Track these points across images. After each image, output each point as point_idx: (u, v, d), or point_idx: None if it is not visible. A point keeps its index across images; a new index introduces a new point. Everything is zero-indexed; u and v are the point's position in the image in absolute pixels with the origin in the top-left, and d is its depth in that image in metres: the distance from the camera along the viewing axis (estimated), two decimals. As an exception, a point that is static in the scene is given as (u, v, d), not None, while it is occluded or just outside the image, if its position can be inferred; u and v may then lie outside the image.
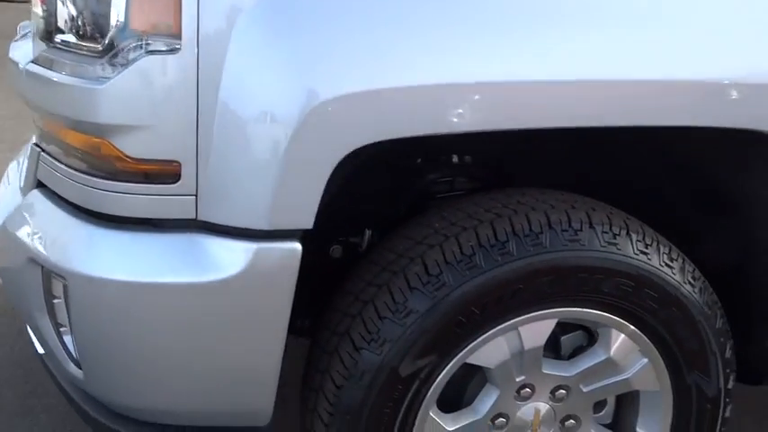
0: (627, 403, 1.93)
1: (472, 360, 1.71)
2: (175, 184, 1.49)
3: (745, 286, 1.95)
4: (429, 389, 1.69)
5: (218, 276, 1.50)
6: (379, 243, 1.82)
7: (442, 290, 1.63)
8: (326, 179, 1.48)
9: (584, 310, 1.74)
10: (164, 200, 1.50)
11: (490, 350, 1.71)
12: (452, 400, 1.82)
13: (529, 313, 1.70)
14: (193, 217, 1.51)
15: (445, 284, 1.63)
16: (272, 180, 1.46)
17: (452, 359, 1.68)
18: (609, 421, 1.94)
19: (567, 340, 1.85)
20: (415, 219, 1.79)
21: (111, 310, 1.53)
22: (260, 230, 1.49)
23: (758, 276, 1.91)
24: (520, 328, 1.71)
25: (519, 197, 1.77)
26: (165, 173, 1.49)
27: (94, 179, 1.53)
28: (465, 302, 1.63)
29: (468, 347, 1.68)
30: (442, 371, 1.68)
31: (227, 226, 1.50)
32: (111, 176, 1.51)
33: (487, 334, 1.69)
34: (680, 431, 1.87)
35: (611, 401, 1.92)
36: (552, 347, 1.85)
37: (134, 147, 1.48)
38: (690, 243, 1.93)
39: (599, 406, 1.92)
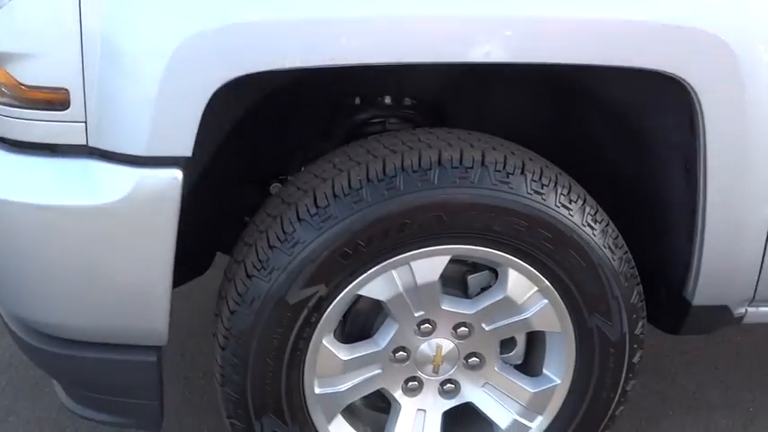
0: (537, 345, 1.95)
1: (364, 292, 1.76)
2: (65, 111, 1.57)
3: (660, 229, 1.93)
4: (320, 318, 1.74)
5: (105, 200, 1.58)
6: (291, 178, 1.88)
7: (328, 221, 1.67)
8: (201, 109, 1.54)
9: (477, 248, 1.75)
10: (56, 126, 1.59)
11: (382, 283, 1.75)
12: (361, 334, 1.89)
13: (419, 249, 1.73)
14: (84, 143, 1.59)
15: (331, 216, 1.67)
16: (150, 109, 1.53)
17: (342, 290, 1.73)
18: (520, 362, 1.97)
19: (473, 279, 1.87)
20: (325, 155, 1.84)
21: (9, 230, 1.64)
22: (141, 157, 1.56)
23: (671, 218, 1.89)
24: (411, 263, 1.75)
25: (424, 135, 1.79)
26: (55, 100, 1.57)
27: None
28: (350, 235, 1.67)
29: (358, 280, 1.73)
30: (333, 301, 1.73)
31: (114, 152, 1.58)
32: (8, 103, 1.60)
33: (377, 267, 1.73)
34: (584, 374, 1.89)
35: (521, 342, 1.94)
36: (461, 286, 1.88)
37: (26, 74, 1.56)
38: (608, 184, 1.93)
39: (508, 346, 1.95)
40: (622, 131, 1.95)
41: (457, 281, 1.87)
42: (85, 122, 1.58)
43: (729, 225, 1.79)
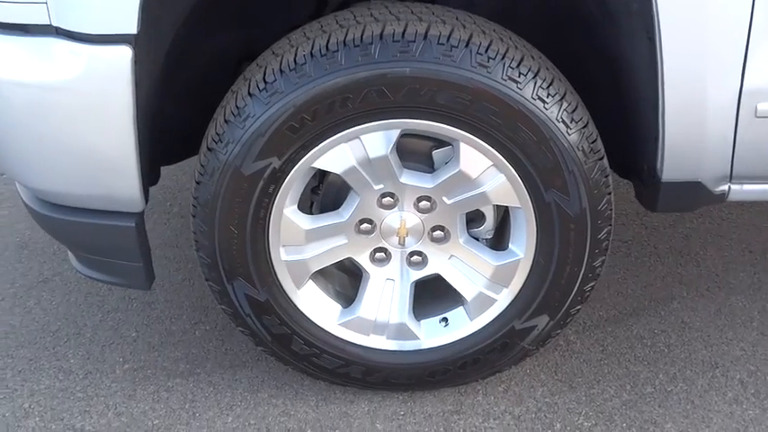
0: (507, 220, 1.96)
1: (318, 165, 1.83)
2: None
3: (630, 104, 1.87)
4: (278, 189, 1.83)
5: (64, 77, 1.71)
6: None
7: (275, 96, 1.74)
8: None
9: (425, 122, 1.77)
10: (23, 7, 1.71)
11: (335, 157, 1.82)
12: (334, 207, 1.97)
13: (366, 123, 1.77)
14: (48, 23, 1.72)
15: (278, 91, 1.74)
16: None
17: (296, 163, 1.80)
18: (490, 236, 1.99)
19: (437, 154, 1.89)
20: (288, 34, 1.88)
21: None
22: (93, 35, 1.68)
23: (638, 92, 1.83)
24: (361, 137, 1.79)
25: (378, 10, 1.80)
26: (19, -19, 1.70)
27: None
28: (295, 108, 1.73)
29: (311, 153, 1.80)
30: (289, 173, 1.82)
31: (72, 31, 1.70)
32: None
33: (327, 141, 1.79)
34: (545, 248, 1.89)
35: (490, 217, 1.96)
36: (429, 161, 1.91)
37: None
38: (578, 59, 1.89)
39: (477, 221, 1.97)
40: (583, 3, 1.87)
41: (424, 155, 1.91)
42: (46, 3, 1.70)
43: (691, 96, 1.72)
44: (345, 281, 2.08)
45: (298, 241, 1.92)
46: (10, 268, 2.65)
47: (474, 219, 1.97)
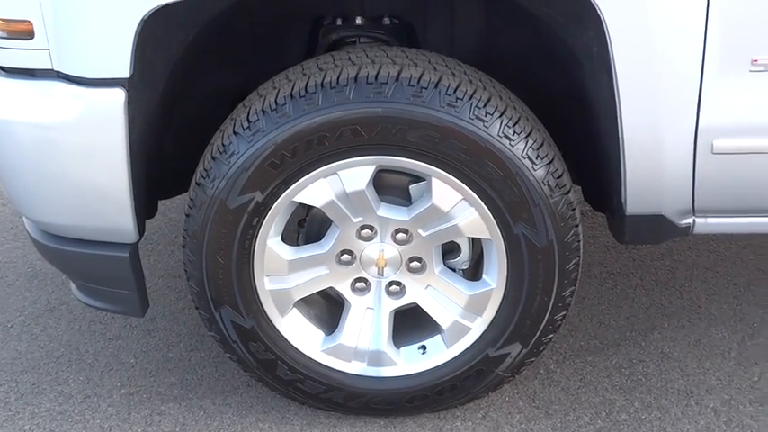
0: (483, 252, 2.06)
1: (300, 199, 1.94)
2: (32, 40, 1.83)
3: (596, 140, 1.96)
4: (262, 221, 1.94)
5: (64, 118, 1.85)
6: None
7: (258, 134, 1.86)
8: (133, 34, 1.76)
9: (399, 158, 1.88)
10: (28, 53, 1.86)
11: (314, 191, 1.93)
12: (318, 238, 2.07)
13: (344, 160, 1.88)
14: (51, 68, 1.86)
15: (260, 130, 1.86)
16: (90, 35, 1.78)
17: (278, 197, 1.92)
18: (466, 267, 2.08)
19: (414, 189, 1.99)
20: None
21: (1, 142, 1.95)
22: (90, 79, 1.82)
23: (602, 128, 1.92)
24: (339, 173, 1.90)
25: (357, 54, 1.92)
26: (24, 30, 1.83)
27: None
28: (275, 146, 1.85)
29: (292, 187, 1.91)
30: (272, 206, 1.93)
31: (72, 75, 1.84)
32: None
33: (307, 176, 1.90)
34: (516, 278, 1.98)
35: (465, 248, 2.05)
36: (407, 195, 2.02)
37: (2, 9, 1.84)
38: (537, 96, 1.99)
39: (454, 252, 2.07)
40: (554, 47, 1.98)
41: (402, 190, 2.01)
42: (48, 49, 1.84)
43: (648, 133, 1.81)
44: (326, 307, 2.17)
45: (281, 271, 2.02)
46: (20, 297, 2.78)
47: (451, 250, 2.07)
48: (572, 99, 2.01)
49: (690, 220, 1.99)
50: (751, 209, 1.96)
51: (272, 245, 1.99)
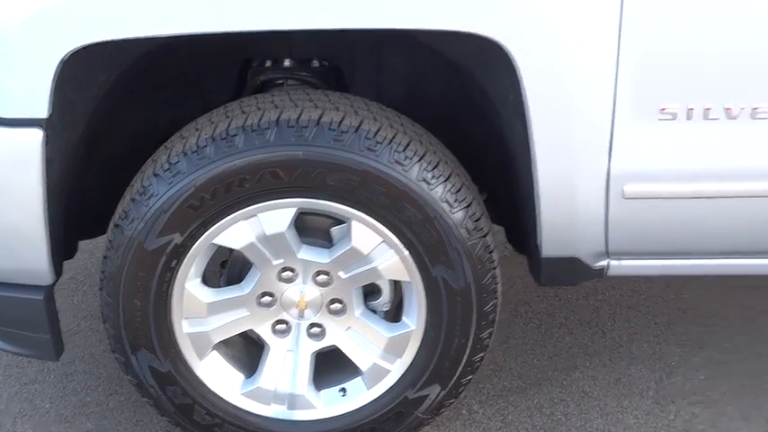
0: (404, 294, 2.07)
1: (219, 241, 1.93)
2: None
3: (512, 184, 2.01)
4: (180, 264, 1.93)
5: None
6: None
7: (178, 176, 1.85)
8: (52, 75, 1.74)
9: (318, 201, 1.89)
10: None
11: (234, 233, 1.92)
12: (239, 280, 2.06)
13: (264, 202, 1.88)
14: None
15: (180, 172, 1.85)
16: (9, 74, 1.76)
17: (197, 239, 1.91)
18: (387, 308, 2.09)
19: (335, 231, 2.00)
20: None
21: None
22: (8, 118, 1.79)
23: (518, 173, 1.96)
24: (259, 215, 1.90)
25: (280, 98, 1.93)
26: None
27: None
28: (195, 188, 1.84)
29: (211, 229, 1.90)
30: (191, 248, 1.92)
31: None
32: None
33: (227, 218, 1.89)
34: (434, 320, 2.00)
35: (386, 290, 2.06)
36: (327, 237, 2.02)
37: None
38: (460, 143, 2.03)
39: (376, 294, 2.07)
40: (474, 93, 2.03)
41: (324, 232, 2.01)
42: None
43: (561, 179, 1.86)
44: (245, 349, 2.16)
45: (200, 314, 2.00)
46: (-67, 340, 2.70)
47: (373, 291, 2.08)
48: (492, 144, 2.05)
49: (604, 263, 2.04)
50: (663, 252, 2.02)
51: (190, 287, 1.97)
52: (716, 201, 1.87)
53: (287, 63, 2.25)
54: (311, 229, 1.99)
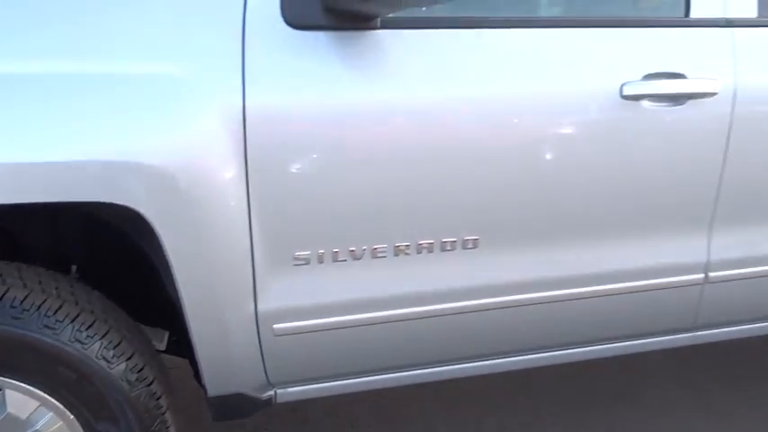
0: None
1: None
2: None
3: (180, 332, 2.11)
4: None
5: None
6: None
7: None
8: None
9: (-35, 373, 1.87)
10: None
11: None
12: None
13: None
14: None
15: None
16: None
17: None
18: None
19: (-6, 398, 1.98)
20: None
21: None
22: None
23: (182, 321, 2.06)
24: None
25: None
26: None
27: None
28: None
29: None
30: None
31: None
32: None
33: None
34: (109, 473, 2.02)
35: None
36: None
37: None
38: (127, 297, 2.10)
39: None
40: (138, 253, 2.12)
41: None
42: None
43: (213, 322, 1.98)
44: None
45: None
46: None
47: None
48: (161, 296, 2.14)
49: (271, 393, 2.17)
50: (321, 376, 2.19)
51: None
52: (354, 329, 2.07)
53: None
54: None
